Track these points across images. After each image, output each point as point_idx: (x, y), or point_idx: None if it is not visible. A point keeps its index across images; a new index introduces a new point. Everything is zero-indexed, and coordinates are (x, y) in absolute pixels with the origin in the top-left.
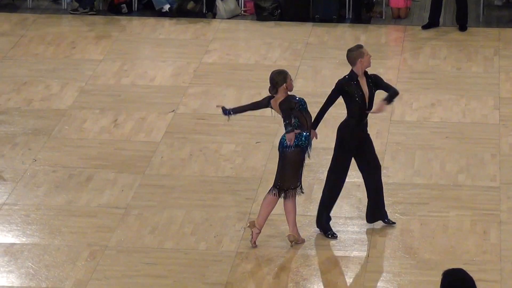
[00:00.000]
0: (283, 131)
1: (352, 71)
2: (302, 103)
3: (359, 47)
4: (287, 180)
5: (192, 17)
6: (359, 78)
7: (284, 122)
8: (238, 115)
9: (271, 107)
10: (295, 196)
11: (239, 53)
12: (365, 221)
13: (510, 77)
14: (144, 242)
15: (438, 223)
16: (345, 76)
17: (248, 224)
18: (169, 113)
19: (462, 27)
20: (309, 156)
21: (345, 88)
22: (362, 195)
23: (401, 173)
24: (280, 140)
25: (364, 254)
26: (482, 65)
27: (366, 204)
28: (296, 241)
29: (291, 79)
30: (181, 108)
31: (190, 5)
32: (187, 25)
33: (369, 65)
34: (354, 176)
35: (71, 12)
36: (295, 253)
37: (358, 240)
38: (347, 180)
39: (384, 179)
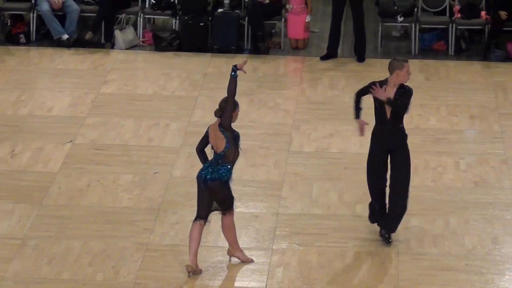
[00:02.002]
0: (181, 161)
1: (386, 79)
2: (238, 135)
3: (405, 61)
4: (225, 204)
5: (90, 48)
6: (387, 87)
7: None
8: (137, 148)
9: (208, 135)
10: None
11: (138, 84)
12: (264, 252)
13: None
14: (41, 273)
15: (336, 254)
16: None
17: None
18: (67, 143)
19: (360, 58)
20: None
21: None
22: (259, 225)
23: (299, 204)
24: (199, 172)
25: (263, 284)
26: None
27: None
28: (194, 271)
29: (237, 113)
30: (79, 139)
31: (88, 35)
32: (86, 55)
33: (404, 81)
34: (251, 207)
35: None
36: (193, 284)
37: (256, 271)
38: (245, 210)
39: (282, 209)
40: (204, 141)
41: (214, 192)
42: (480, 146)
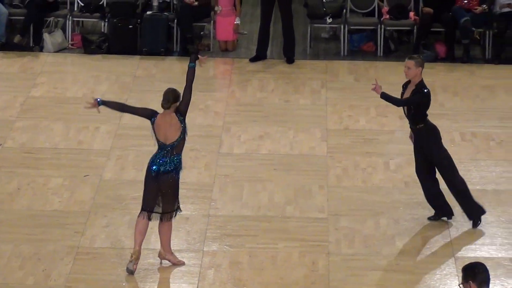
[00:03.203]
0: (111, 163)
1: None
2: (186, 128)
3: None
4: (168, 203)
5: (19, 51)
6: (409, 84)
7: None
8: (67, 151)
9: (153, 124)
10: (172, 218)
11: (67, 87)
12: (195, 254)
13: (337, 109)
14: None
15: (267, 255)
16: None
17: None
18: None
19: (290, 60)
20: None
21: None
22: (190, 227)
23: (230, 205)
24: (150, 166)
25: (194, 286)
26: (310, 97)
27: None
28: (137, 260)
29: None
30: (8, 142)
31: (17, 38)
32: (14, 59)
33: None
34: (182, 209)
35: None
36: (124, 286)
37: (187, 273)
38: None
39: (212, 211)
40: (139, 112)
41: (165, 186)
42: (410, 146)
